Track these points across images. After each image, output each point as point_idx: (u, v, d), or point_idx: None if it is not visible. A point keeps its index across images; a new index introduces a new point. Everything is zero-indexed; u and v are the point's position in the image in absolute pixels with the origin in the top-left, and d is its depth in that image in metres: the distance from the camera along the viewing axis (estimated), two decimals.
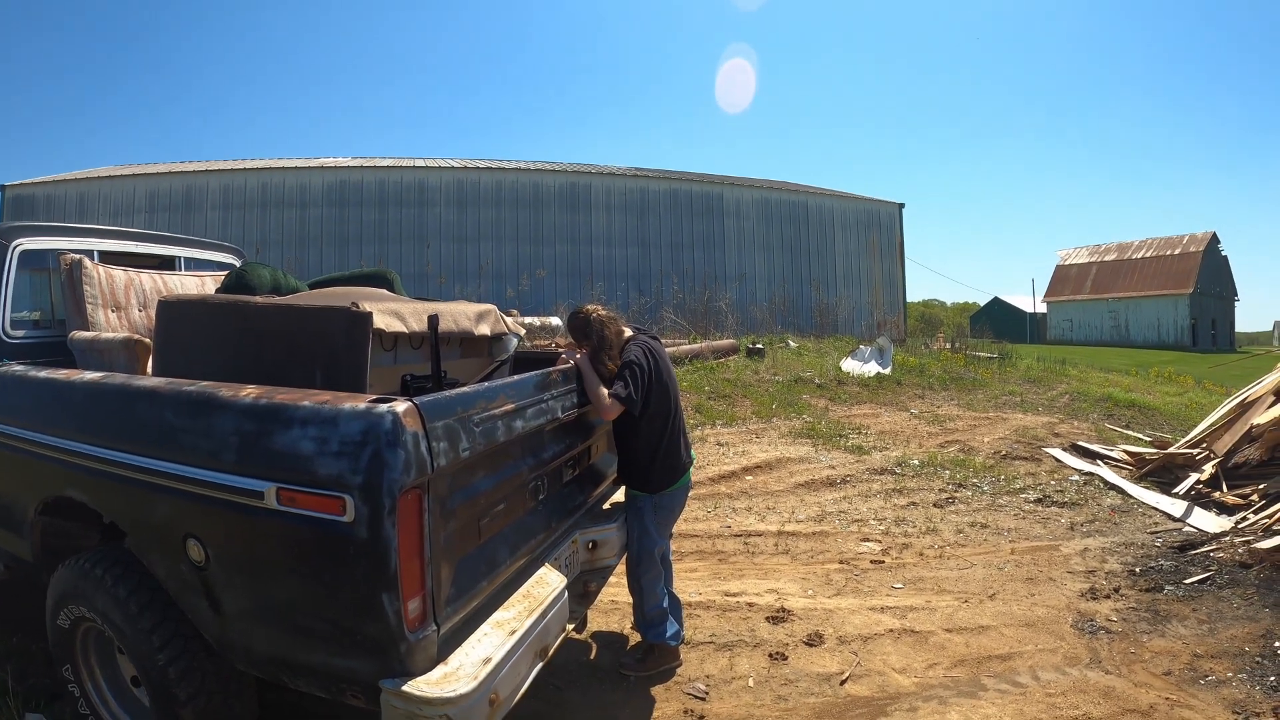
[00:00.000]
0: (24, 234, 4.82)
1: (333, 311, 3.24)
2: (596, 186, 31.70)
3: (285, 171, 30.10)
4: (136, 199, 29.40)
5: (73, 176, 31.83)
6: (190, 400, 2.97)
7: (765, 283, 32.90)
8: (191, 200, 29.32)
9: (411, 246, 29.33)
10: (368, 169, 30.48)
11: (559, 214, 30.83)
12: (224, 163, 33.16)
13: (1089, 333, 62.44)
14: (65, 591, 3.39)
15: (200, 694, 3.06)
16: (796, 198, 35.23)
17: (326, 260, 28.45)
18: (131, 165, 35.00)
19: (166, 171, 30.78)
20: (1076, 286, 65.33)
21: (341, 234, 29.22)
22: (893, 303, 36.34)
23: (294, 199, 29.33)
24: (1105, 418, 13.67)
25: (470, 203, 30.12)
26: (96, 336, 4.34)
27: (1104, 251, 65.70)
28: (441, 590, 2.71)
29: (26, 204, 29.54)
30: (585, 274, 29.88)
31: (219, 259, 6.33)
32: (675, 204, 32.39)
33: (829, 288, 34.19)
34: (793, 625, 5.24)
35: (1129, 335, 58.85)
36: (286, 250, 28.05)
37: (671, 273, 30.87)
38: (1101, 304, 62.06)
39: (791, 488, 8.84)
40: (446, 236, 29.73)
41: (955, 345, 23.94)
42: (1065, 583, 5.90)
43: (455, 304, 4.37)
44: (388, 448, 2.45)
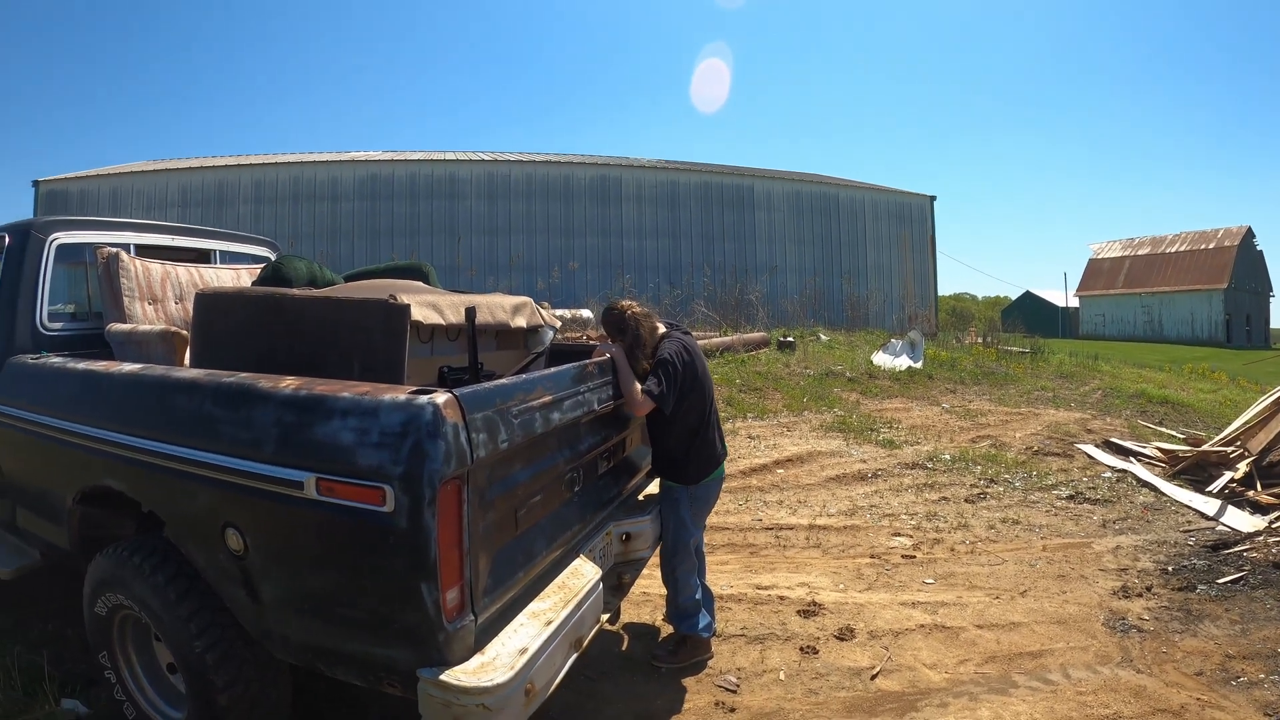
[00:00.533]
0: (60, 228, 4.87)
1: (371, 303, 3.26)
2: (627, 179, 31.71)
3: (317, 165, 30.32)
4: (169, 194, 29.66)
5: (106, 172, 32.12)
6: (230, 391, 3.01)
7: (796, 275, 32.81)
8: (224, 194, 29.55)
9: (442, 239, 29.44)
10: (399, 162, 30.64)
11: (589, 206, 30.86)
12: (256, 157, 33.44)
13: (1122, 328, 61.73)
14: (103, 579, 3.44)
15: (237, 681, 3.10)
16: (828, 190, 35.08)
17: (358, 253, 28.61)
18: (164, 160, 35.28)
19: (199, 166, 31.00)
20: (1109, 281, 64.60)
21: (373, 227, 29.39)
22: (924, 296, 36.13)
23: (325, 193, 29.52)
24: (1138, 414, 13.55)
25: (501, 195, 30.20)
26: (134, 329, 4.38)
27: (1137, 245, 64.90)
28: (479, 580, 2.72)
29: (60, 199, 29.82)
30: (616, 266, 29.90)
31: (254, 252, 6.37)
32: (706, 196, 32.33)
33: (860, 281, 34.05)
34: (824, 619, 5.23)
35: (1162, 330, 58.17)
36: (318, 243, 28.24)
37: (702, 265, 30.84)
38: (1134, 299, 61.34)
39: (823, 481, 8.82)
40: (477, 229, 29.83)
41: (987, 340, 23.79)
42: (1097, 580, 5.86)
43: (492, 296, 4.39)
44: (428, 439, 2.46)
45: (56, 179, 30.72)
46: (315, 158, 32.08)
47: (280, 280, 4.47)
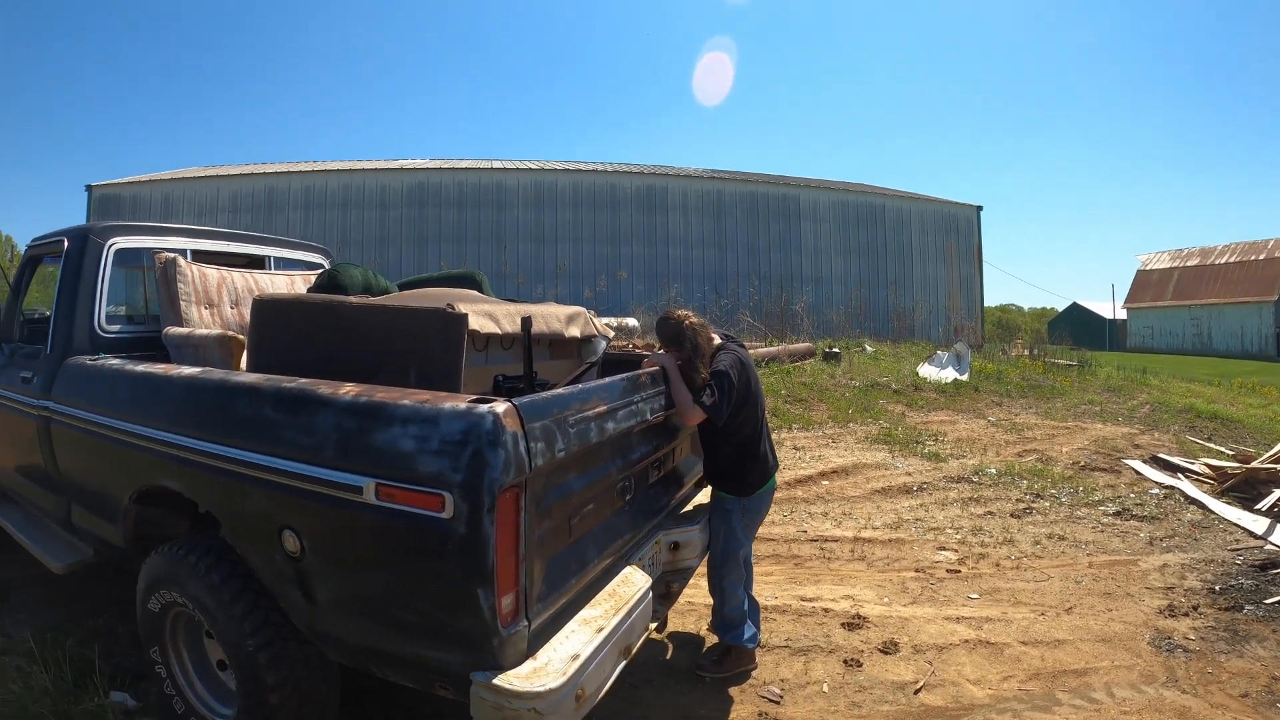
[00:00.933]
0: (119, 233, 4.95)
1: (429, 312, 3.30)
2: (673, 188, 31.85)
3: (366, 173, 30.68)
4: (220, 199, 30.13)
5: (158, 177, 32.69)
6: (290, 396, 3.07)
7: (841, 285, 32.79)
8: (274, 201, 29.96)
9: (490, 247, 29.68)
10: (446, 170, 30.95)
11: (636, 215, 31.02)
12: (306, 164, 33.84)
13: (1170, 340, 60.61)
14: (158, 576, 3.50)
15: (288, 680, 3.15)
16: (873, 200, 35.03)
17: (406, 260, 28.94)
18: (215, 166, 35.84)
19: (249, 173, 31.50)
20: (1157, 292, 63.45)
21: (421, 234, 29.70)
22: (970, 308, 35.96)
23: (374, 200, 29.86)
24: (1186, 429, 13.36)
25: (548, 204, 30.42)
26: (191, 332, 4.45)
27: (1186, 256, 63.65)
28: (533, 587, 2.76)
29: (113, 204, 30.34)
30: (662, 275, 30.05)
31: (307, 258, 6.46)
32: (751, 206, 32.40)
33: (906, 291, 33.95)
34: (868, 632, 5.22)
35: (1211, 343, 57.05)
36: (367, 250, 28.59)
37: (748, 275, 30.94)
38: (1183, 311, 60.17)
39: (868, 494, 8.79)
40: (524, 237, 30.07)
41: (1033, 352, 23.50)
42: (1143, 599, 5.79)
43: (546, 306, 4.43)
44: (489, 447, 2.50)
45: (109, 184, 31.27)
46: (364, 165, 32.48)
47: (336, 287, 4.52)
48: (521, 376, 3.62)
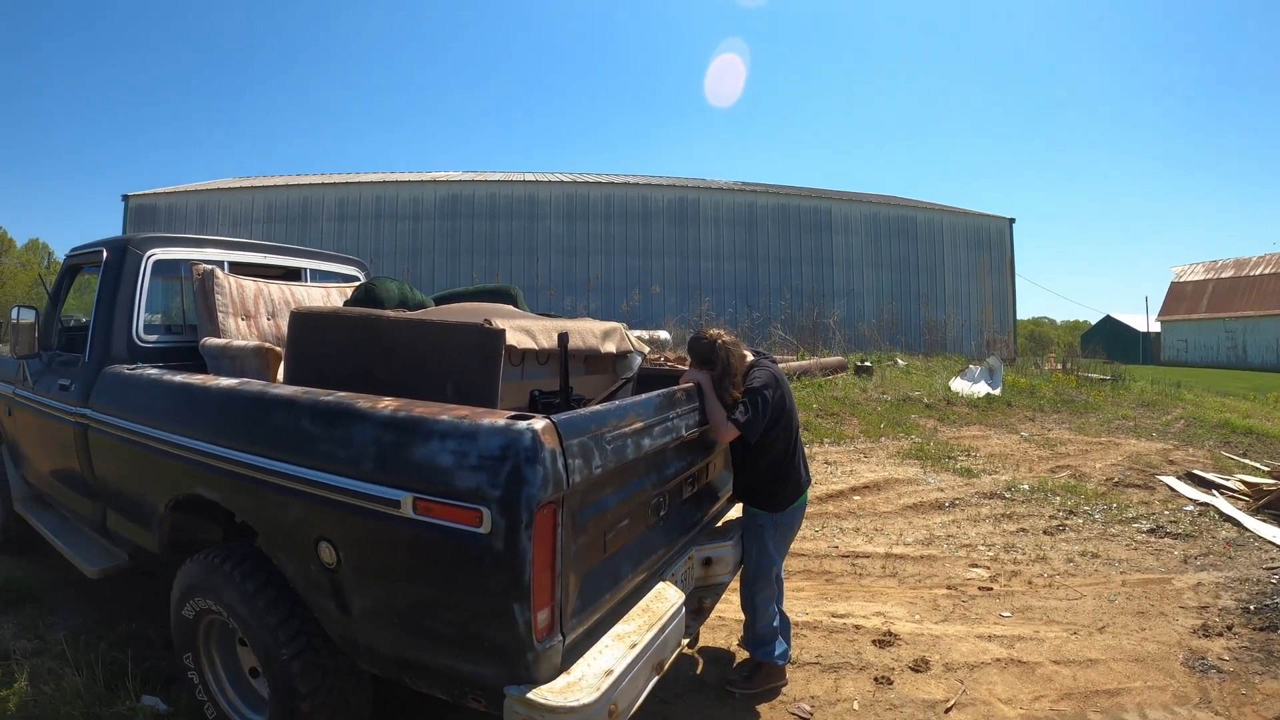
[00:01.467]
0: (157, 244, 5.03)
1: (467, 328, 3.32)
2: (705, 201, 31.85)
3: (399, 185, 30.87)
4: (255, 210, 30.38)
5: (193, 188, 33.01)
6: (328, 409, 3.10)
7: (873, 299, 32.65)
8: (308, 212, 30.19)
9: (521, 259, 29.78)
10: (479, 182, 31.11)
11: (667, 228, 31.04)
12: (339, 176, 34.15)
13: (1205, 354, 59.79)
14: (193, 584, 3.54)
15: (320, 689, 3.19)
16: (905, 212, 34.87)
17: (439, 271, 29.10)
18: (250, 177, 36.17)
19: (284, 184, 31.75)
20: (1192, 305, 62.63)
21: (453, 246, 29.84)
22: (1003, 321, 35.74)
23: (407, 211, 30.04)
24: (1221, 445, 13.22)
25: (580, 216, 30.48)
26: (228, 343, 4.48)
27: (1220, 268, 62.79)
28: (569, 602, 2.77)
29: (148, 214, 30.63)
30: (694, 288, 30.05)
31: (343, 271, 6.52)
32: (783, 219, 32.34)
33: (938, 305, 33.76)
34: (899, 650, 5.19)
35: (1246, 357, 56.17)
36: (399, 261, 28.79)
37: (780, 288, 30.88)
38: (1218, 323, 59.31)
39: (899, 509, 8.76)
40: (556, 249, 30.15)
41: (1067, 366, 23.37)
42: (1177, 618, 5.73)
43: (582, 321, 4.45)
44: (527, 464, 2.52)
45: (145, 194, 31.62)
46: (397, 177, 32.71)
47: (372, 301, 4.56)
48: (557, 392, 3.63)
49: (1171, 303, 64.86)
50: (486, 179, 31.94)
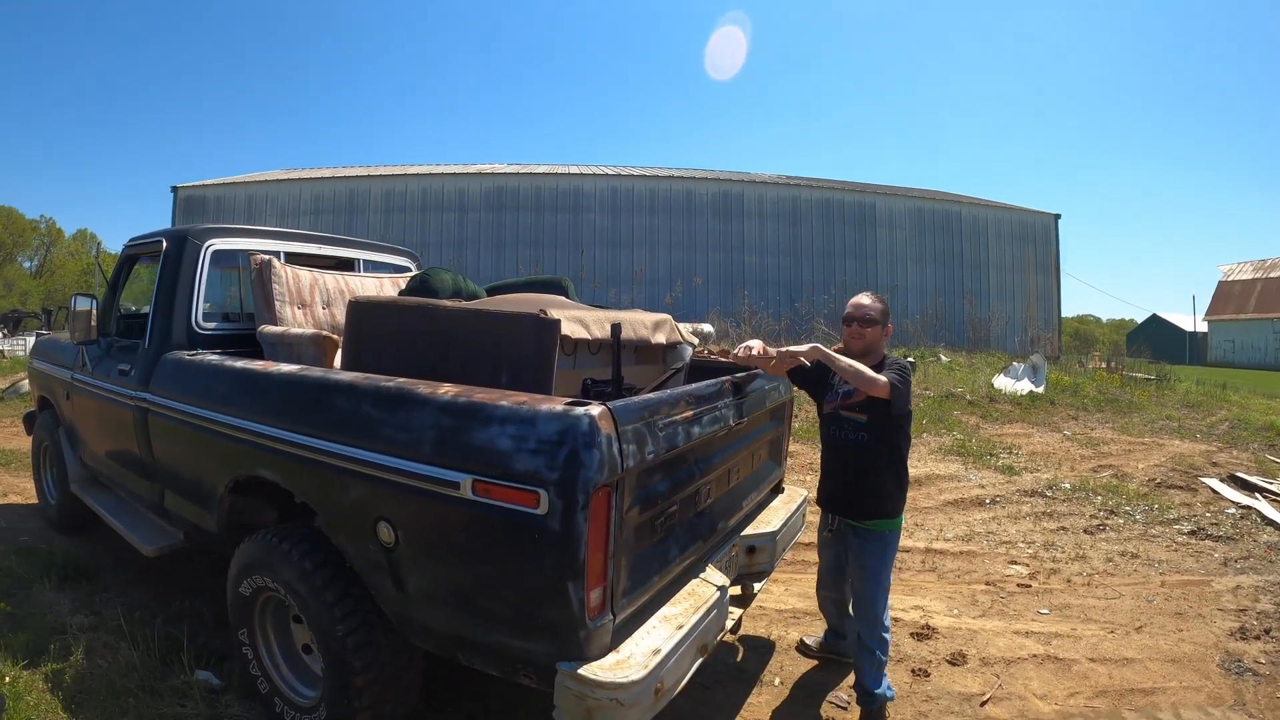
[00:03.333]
0: (215, 235, 5.16)
1: (523, 317, 3.40)
2: (749, 195, 31.91)
3: (445, 177, 31.14)
4: (302, 201, 30.78)
5: (241, 180, 33.45)
6: (389, 395, 3.20)
7: (917, 294, 32.55)
8: (354, 203, 30.55)
9: (566, 251, 29.96)
10: (524, 175, 31.32)
11: (711, 222, 31.13)
12: (386, 168, 34.52)
13: (1252, 354, 58.62)
14: (251, 562, 3.67)
15: (374, 664, 3.29)
16: (950, 207, 34.68)
17: (484, 262, 29.36)
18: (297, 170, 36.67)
19: (330, 176, 32.19)
20: (1239, 304, 61.44)
21: (498, 238, 30.08)
22: (1047, 318, 35.47)
23: (453, 204, 30.31)
24: (1266, 448, 13.03)
25: (624, 209, 30.62)
26: (286, 331, 4.59)
27: (1270, 267, 61.44)
28: (619, 582, 2.86)
29: (197, 205, 31.12)
30: (737, 282, 30.15)
31: (395, 262, 6.64)
32: (827, 213, 32.31)
33: (982, 301, 33.56)
34: (936, 643, 5.24)
35: None
36: (445, 252, 29.09)
37: (824, 282, 30.80)
38: (1266, 324, 58.08)
39: (940, 505, 8.79)
40: (601, 242, 30.31)
41: (1111, 365, 23.15)
42: (1215, 620, 5.73)
43: (633, 313, 4.51)
44: (584, 448, 2.61)
45: (194, 185, 32.08)
46: (443, 169, 32.97)
47: (428, 290, 4.66)
48: (609, 381, 3.71)
49: (1219, 302, 63.74)
50: (531, 171, 32.15)
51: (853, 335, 4.30)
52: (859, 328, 4.28)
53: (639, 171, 33.43)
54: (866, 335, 4.26)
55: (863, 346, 4.26)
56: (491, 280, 5.94)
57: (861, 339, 4.26)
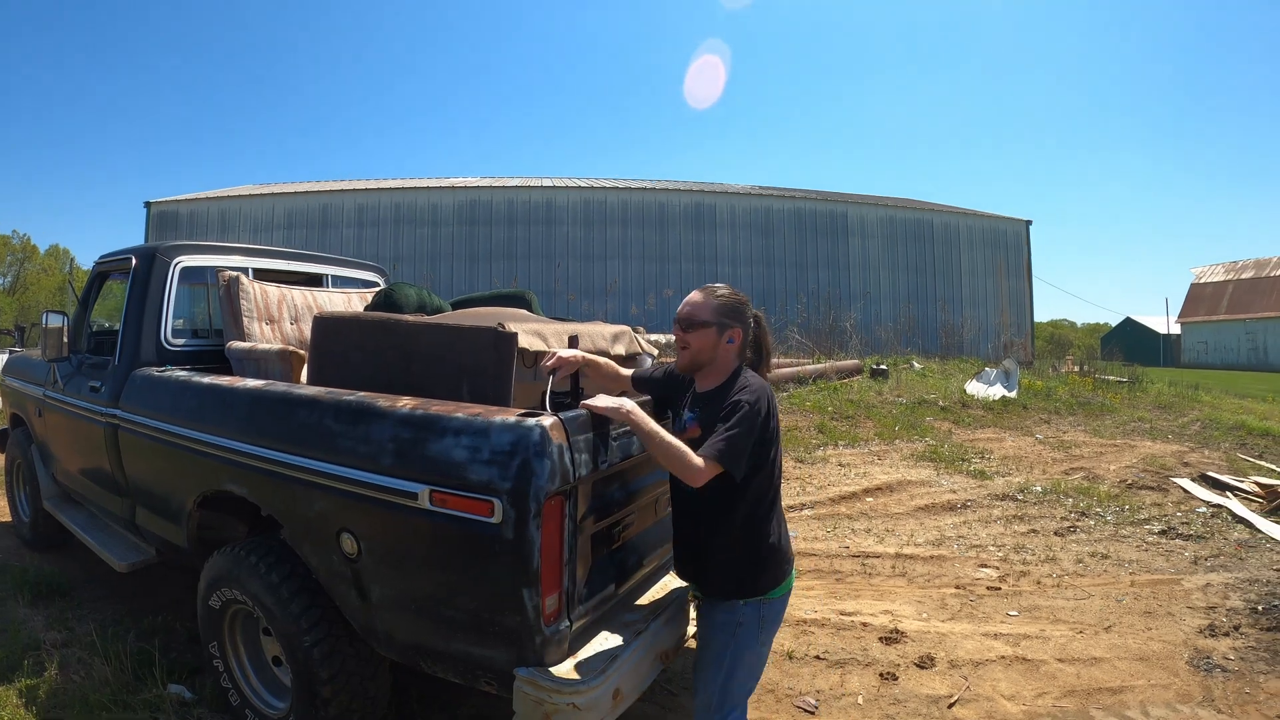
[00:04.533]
0: (184, 252, 5.18)
1: (481, 331, 3.44)
2: (721, 206, 32.08)
3: (417, 191, 31.18)
4: (275, 216, 30.76)
5: (214, 195, 33.43)
6: (350, 408, 3.24)
7: (890, 302, 32.81)
8: (327, 218, 30.55)
9: (540, 264, 30.04)
10: (497, 189, 31.37)
11: (684, 233, 31.30)
12: (359, 182, 34.55)
13: (1225, 355, 59.20)
14: (220, 575, 3.69)
15: (341, 674, 3.33)
16: (921, 215, 35.03)
17: (457, 276, 29.38)
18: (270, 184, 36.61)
19: (304, 191, 32.18)
20: (1211, 306, 62.05)
21: (472, 251, 30.14)
22: (1020, 323, 35.80)
23: (426, 218, 30.36)
24: (1237, 447, 13.16)
25: (597, 221, 30.74)
26: (253, 347, 4.60)
27: (1241, 269, 62.15)
28: (576, 589, 2.92)
29: (170, 220, 31.04)
30: None
31: (363, 277, 6.65)
32: (799, 223, 32.54)
33: (954, 308, 33.87)
34: (905, 647, 5.27)
35: (1267, 358, 55.53)
36: (419, 266, 29.10)
37: (796, 292, 31.00)
38: (1239, 325, 58.68)
39: (911, 511, 8.84)
40: (574, 254, 30.41)
41: (1084, 369, 23.29)
42: (1184, 618, 5.78)
43: (592, 325, 4.54)
44: (536, 458, 2.67)
45: (167, 200, 32.02)
46: (416, 183, 33.07)
47: (392, 306, 4.71)
48: (569, 393, 3.76)
49: (1191, 304, 64.37)
50: (504, 185, 32.20)
51: (679, 344, 3.18)
52: (680, 333, 3.17)
53: (611, 183, 33.58)
54: (692, 342, 3.12)
55: (691, 360, 3.16)
56: (466, 294, 5.98)
57: (687, 350, 3.15)
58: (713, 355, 3.11)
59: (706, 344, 3.09)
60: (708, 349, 3.10)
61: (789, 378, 16.79)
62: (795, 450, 11.91)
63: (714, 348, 3.10)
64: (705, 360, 3.12)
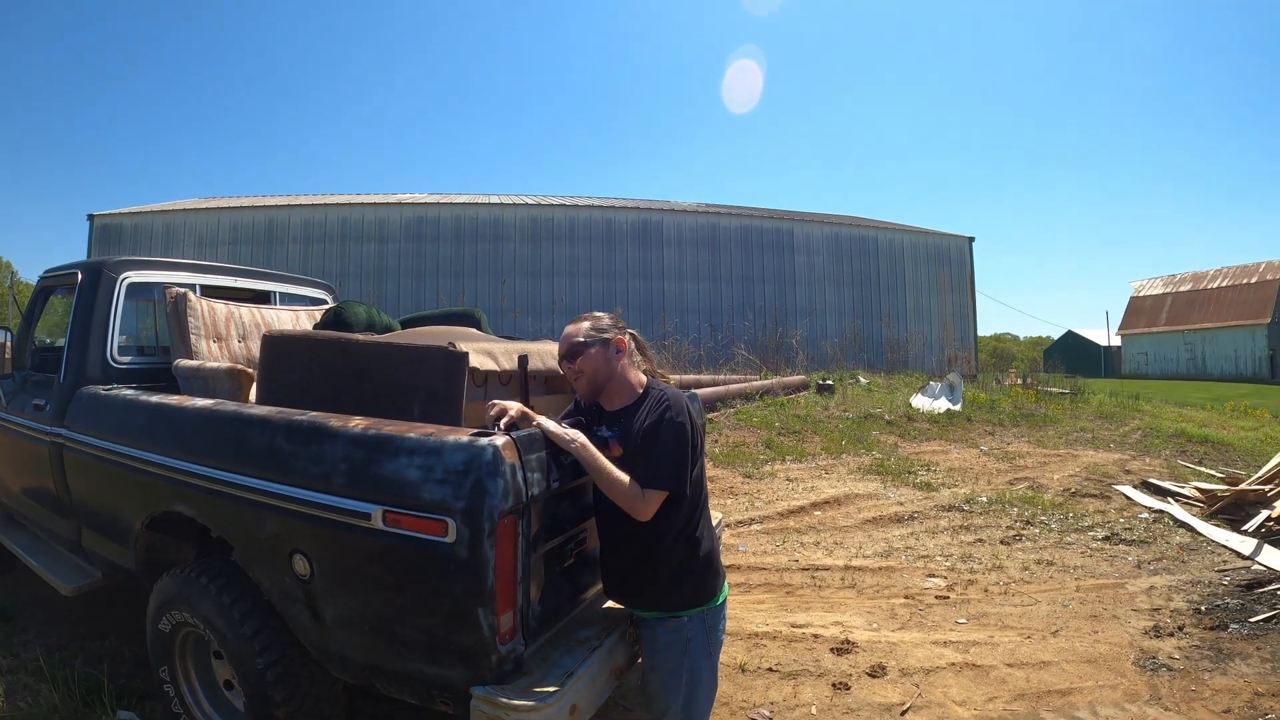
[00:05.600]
0: (131, 268, 5.11)
1: (432, 350, 3.44)
2: (668, 223, 32.22)
3: (365, 207, 31.00)
4: (220, 231, 30.39)
5: (159, 208, 32.98)
6: (301, 428, 3.22)
7: (835, 317, 33.11)
8: (274, 233, 30.23)
9: (487, 281, 29.96)
10: (445, 205, 31.29)
11: (631, 250, 31.35)
12: (305, 197, 34.23)
13: (1165, 366, 60.66)
14: (169, 598, 3.63)
15: (294, 696, 3.28)
16: (866, 233, 35.44)
17: (404, 293, 29.21)
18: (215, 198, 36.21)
19: (249, 205, 31.81)
20: (1151, 318, 63.55)
21: (419, 268, 29.98)
22: (964, 337, 36.29)
23: (373, 234, 30.18)
24: (1178, 454, 13.46)
25: (545, 238, 30.74)
26: (201, 365, 4.56)
27: (1179, 282, 63.88)
28: (530, 607, 2.93)
29: (114, 233, 30.53)
30: (658, 309, 30.31)
31: (311, 294, 6.61)
32: (746, 240, 32.74)
33: (899, 323, 34.26)
34: (856, 657, 5.32)
35: (1205, 368, 57.08)
36: (365, 283, 28.88)
37: (743, 308, 31.19)
38: (1177, 336, 60.23)
39: (859, 523, 8.91)
40: (522, 272, 30.39)
41: (1027, 381, 23.63)
42: (1129, 620, 5.89)
43: (542, 343, 4.54)
44: (489, 477, 2.68)
45: (111, 214, 31.50)
46: (363, 199, 32.88)
47: (341, 324, 4.67)
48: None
49: (1131, 316, 65.86)
50: (452, 201, 32.09)
51: (573, 376, 3.28)
52: (568, 366, 3.26)
53: (559, 201, 33.65)
54: (584, 367, 3.21)
55: (590, 384, 3.25)
56: (413, 311, 5.96)
57: (582, 376, 3.24)
58: (609, 371, 3.21)
59: (596, 363, 3.19)
60: (600, 367, 3.20)
61: (736, 394, 16.85)
62: (743, 465, 11.98)
63: (605, 363, 3.20)
64: (604, 379, 3.22)
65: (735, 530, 8.62)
